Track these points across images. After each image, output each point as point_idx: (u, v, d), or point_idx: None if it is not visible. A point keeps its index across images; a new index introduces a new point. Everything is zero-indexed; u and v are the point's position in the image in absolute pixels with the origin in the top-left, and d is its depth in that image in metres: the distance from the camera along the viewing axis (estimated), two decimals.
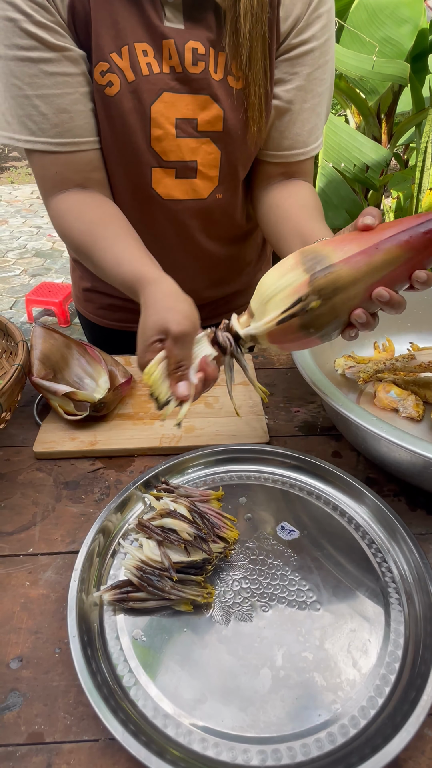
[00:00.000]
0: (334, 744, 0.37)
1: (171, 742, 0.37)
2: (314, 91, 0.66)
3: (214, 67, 0.60)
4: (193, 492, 0.56)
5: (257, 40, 0.59)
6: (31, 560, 0.51)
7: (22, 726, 0.39)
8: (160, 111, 0.61)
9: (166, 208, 0.69)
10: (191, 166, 0.66)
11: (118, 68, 0.58)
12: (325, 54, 0.65)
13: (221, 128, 0.64)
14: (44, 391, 0.67)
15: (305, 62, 0.64)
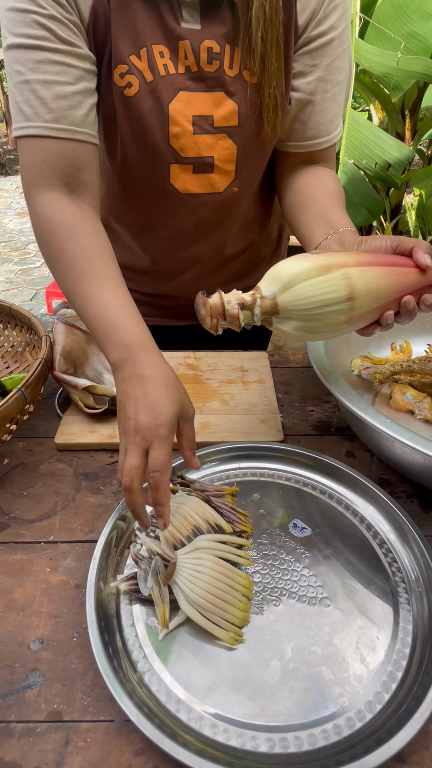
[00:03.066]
0: (340, 735, 0.39)
1: (183, 726, 0.39)
2: (334, 80, 0.67)
3: (229, 62, 0.62)
4: (208, 487, 0.57)
5: (271, 45, 0.60)
6: (52, 547, 0.53)
7: (42, 704, 0.41)
8: (178, 109, 0.63)
9: (183, 202, 0.71)
10: (208, 162, 0.68)
11: (137, 69, 0.60)
12: (343, 43, 0.66)
13: (236, 123, 0.65)
14: (65, 384, 0.69)
15: (325, 53, 0.65)
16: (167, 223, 0.74)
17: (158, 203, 0.72)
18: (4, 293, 3.25)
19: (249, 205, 0.77)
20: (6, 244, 4.04)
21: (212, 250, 0.80)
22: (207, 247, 0.79)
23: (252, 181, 0.74)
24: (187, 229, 0.75)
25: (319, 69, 0.65)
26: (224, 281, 0.87)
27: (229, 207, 0.74)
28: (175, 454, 0.66)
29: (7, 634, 0.45)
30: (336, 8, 0.63)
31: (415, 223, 1.92)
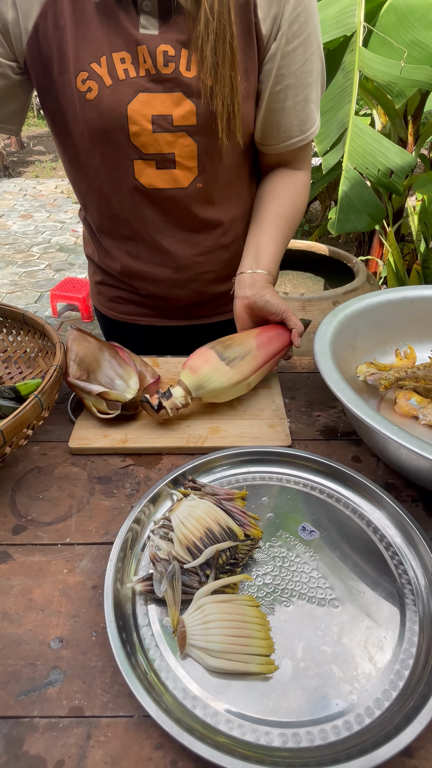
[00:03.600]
0: (350, 731, 0.40)
1: (199, 721, 0.41)
2: (303, 83, 0.71)
3: (186, 65, 0.66)
4: (218, 491, 0.59)
5: (223, 57, 0.63)
6: (68, 549, 0.55)
7: (64, 700, 0.43)
8: (136, 109, 0.67)
9: (150, 196, 0.76)
10: (170, 158, 0.72)
11: (97, 75, 0.66)
12: (310, 46, 0.69)
13: (195, 122, 0.69)
14: (79, 390, 0.71)
15: (292, 62, 0.69)
16: (138, 218, 0.79)
17: (127, 199, 0.77)
18: (9, 296, 3.27)
19: (218, 202, 0.79)
20: (10, 247, 4.07)
21: (188, 245, 0.83)
22: (182, 242, 0.82)
23: (218, 177, 0.76)
24: (158, 223, 0.79)
25: (287, 77, 0.70)
26: (208, 281, 0.88)
27: (196, 202, 0.77)
28: (187, 459, 0.67)
29: (28, 633, 0.47)
30: (299, 15, 0.66)
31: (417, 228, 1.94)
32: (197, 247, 0.84)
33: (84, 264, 3.77)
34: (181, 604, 0.48)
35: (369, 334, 0.81)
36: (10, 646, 0.46)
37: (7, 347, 0.85)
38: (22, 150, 7.54)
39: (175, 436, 0.70)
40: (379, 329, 0.83)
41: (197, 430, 0.71)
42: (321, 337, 0.71)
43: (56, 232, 4.41)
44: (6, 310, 0.82)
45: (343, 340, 0.75)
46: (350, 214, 1.69)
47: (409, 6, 1.54)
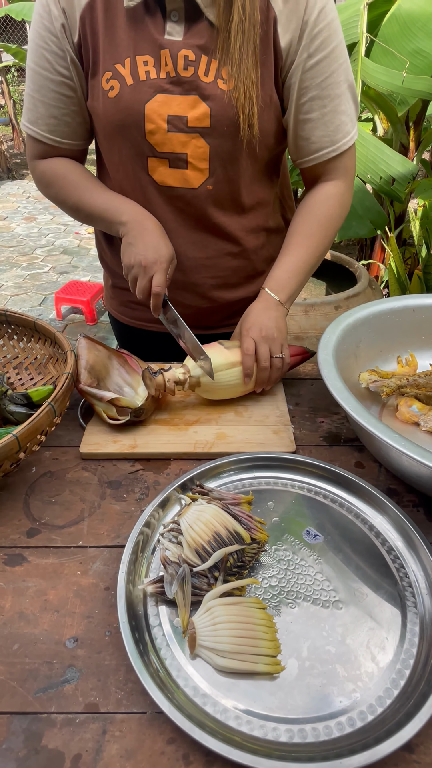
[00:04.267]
0: (353, 727, 0.42)
1: (209, 717, 0.43)
2: (330, 95, 0.73)
3: (205, 70, 0.70)
4: (225, 495, 0.61)
5: (248, 54, 0.68)
6: (81, 552, 0.57)
7: (80, 697, 0.44)
8: (153, 109, 0.71)
9: (161, 193, 0.79)
10: (182, 158, 0.75)
11: (120, 75, 0.71)
12: (334, 61, 0.72)
13: (209, 124, 0.72)
14: (90, 397, 0.73)
15: (314, 75, 0.71)
16: (152, 213, 0.81)
17: (139, 194, 0.80)
18: (13, 298, 3.30)
19: (229, 207, 0.81)
20: (14, 249, 4.10)
21: (197, 245, 0.84)
22: (192, 242, 0.84)
23: (229, 182, 0.78)
24: (169, 220, 0.81)
25: (311, 89, 0.72)
26: (214, 286, 0.90)
27: (206, 203, 0.79)
28: (194, 464, 0.69)
29: (44, 632, 0.49)
30: (320, 33, 0.69)
31: (419, 233, 1.96)
32: (204, 251, 0.85)
33: (87, 267, 3.80)
34: (191, 606, 0.50)
35: (371, 341, 0.83)
36: (27, 645, 0.48)
37: (19, 354, 0.87)
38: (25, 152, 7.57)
39: (182, 442, 0.72)
40: (382, 337, 0.85)
41: (204, 436, 0.73)
42: (325, 345, 0.73)
43: (60, 234, 4.44)
44: (18, 317, 0.84)
45: (346, 347, 0.77)
46: (352, 221, 1.71)
47: (411, 15, 1.57)
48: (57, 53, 0.72)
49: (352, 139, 0.78)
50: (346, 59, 0.74)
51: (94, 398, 0.73)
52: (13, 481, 0.67)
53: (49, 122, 0.78)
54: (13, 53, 6.03)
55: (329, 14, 0.69)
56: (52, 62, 0.73)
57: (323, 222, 0.82)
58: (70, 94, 0.75)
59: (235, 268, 0.89)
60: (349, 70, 0.75)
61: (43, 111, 0.77)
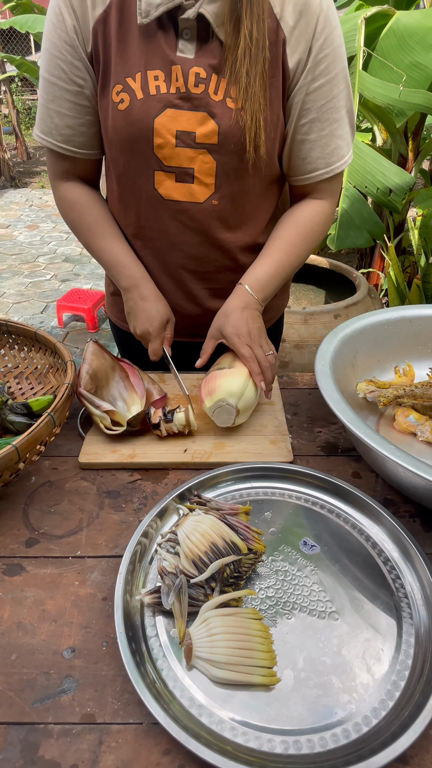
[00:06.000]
0: (348, 739, 0.42)
1: (204, 728, 0.43)
2: (330, 119, 0.75)
3: (214, 89, 0.71)
4: (223, 505, 0.62)
5: (255, 78, 0.69)
6: (79, 562, 0.58)
7: (77, 708, 0.45)
8: (162, 123, 0.72)
9: (166, 206, 0.80)
10: (189, 173, 0.76)
11: (130, 88, 0.72)
12: (336, 86, 0.73)
13: (216, 141, 0.73)
14: (88, 403, 0.74)
15: (317, 98, 0.73)
16: (154, 227, 0.83)
17: (145, 206, 0.81)
18: (15, 306, 3.32)
19: (233, 222, 0.82)
20: (17, 257, 4.13)
21: (195, 262, 0.86)
22: (190, 258, 0.85)
23: (234, 198, 0.79)
24: (172, 233, 0.82)
25: (312, 112, 0.74)
26: (210, 295, 0.90)
27: (210, 218, 0.80)
28: (192, 474, 0.70)
29: (41, 642, 0.50)
30: (325, 57, 0.71)
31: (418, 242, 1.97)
32: (205, 264, 0.86)
33: (90, 275, 3.82)
34: (188, 616, 0.50)
35: (368, 352, 0.84)
36: (24, 655, 0.49)
37: (19, 363, 0.88)
38: (28, 160, 7.65)
39: (180, 452, 0.73)
40: (379, 347, 0.85)
41: (202, 446, 0.74)
42: (322, 356, 0.74)
43: (62, 242, 4.47)
44: (19, 327, 0.85)
45: (343, 358, 0.77)
46: (350, 231, 1.72)
47: (408, 29, 1.59)
48: (72, 63, 0.73)
49: (346, 162, 0.80)
50: (348, 85, 0.75)
51: (92, 404, 0.74)
52: (12, 491, 0.67)
53: (64, 132, 0.78)
54: (17, 64, 6.11)
55: (336, 40, 0.71)
56: (67, 72, 0.73)
57: (307, 235, 0.83)
58: (86, 103, 0.76)
59: (232, 281, 0.90)
60: (350, 96, 0.77)
61: (59, 121, 0.77)
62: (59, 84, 0.74)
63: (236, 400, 0.73)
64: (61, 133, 0.78)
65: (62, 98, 0.76)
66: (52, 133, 0.79)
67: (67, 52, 0.72)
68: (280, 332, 1.10)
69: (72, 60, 0.72)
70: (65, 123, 0.77)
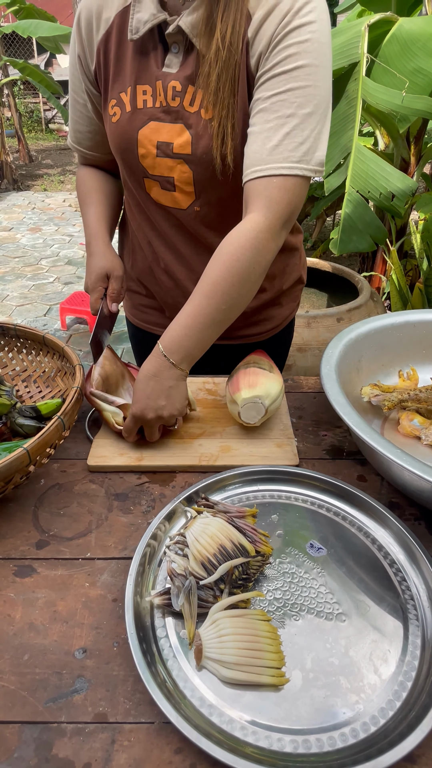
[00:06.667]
0: (356, 738, 0.43)
1: (215, 728, 0.44)
2: (278, 113, 0.67)
3: (190, 100, 0.73)
4: (230, 508, 0.62)
5: (224, 82, 0.69)
6: (89, 564, 0.59)
7: (89, 707, 0.46)
8: (145, 135, 0.76)
9: (159, 209, 0.84)
10: (170, 181, 0.79)
11: (122, 102, 0.77)
12: (294, 80, 0.66)
13: (190, 151, 0.75)
14: (99, 401, 0.75)
15: (267, 88, 0.68)
16: (153, 225, 0.86)
17: (142, 207, 0.86)
18: (19, 308, 3.33)
19: (218, 227, 0.82)
20: (20, 260, 4.14)
21: (192, 262, 0.87)
22: (187, 258, 0.87)
23: (215, 204, 0.80)
24: (170, 233, 0.85)
25: (260, 102, 0.68)
26: None
27: (195, 224, 0.83)
28: (199, 477, 0.71)
29: (54, 643, 0.50)
30: (287, 47, 0.66)
31: (420, 246, 1.98)
32: (200, 266, 0.87)
33: None
34: (197, 617, 0.51)
35: (373, 356, 0.85)
36: (37, 655, 0.49)
37: (27, 367, 0.89)
38: (30, 163, 7.68)
39: (187, 455, 0.74)
40: (383, 352, 0.86)
41: (209, 449, 0.75)
42: (327, 360, 0.75)
43: (65, 245, 4.49)
44: (27, 331, 0.86)
45: (348, 362, 0.78)
46: (352, 235, 1.74)
47: (411, 35, 1.61)
48: (80, 77, 0.81)
49: (292, 169, 0.67)
50: (317, 87, 0.67)
51: (105, 402, 0.74)
52: (22, 493, 0.68)
53: (95, 139, 0.88)
54: (19, 68, 6.14)
55: (305, 34, 0.65)
56: (78, 85, 0.82)
57: (228, 266, 0.69)
58: (93, 115, 0.85)
59: None
60: (321, 101, 0.68)
61: (84, 129, 0.87)
62: (74, 96, 0.85)
63: (270, 402, 0.75)
64: (90, 140, 0.89)
65: (76, 109, 0.86)
66: (82, 142, 0.90)
67: (78, 69, 0.81)
68: (290, 340, 1.10)
69: (80, 76, 0.81)
70: (90, 129, 0.87)
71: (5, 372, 0.88)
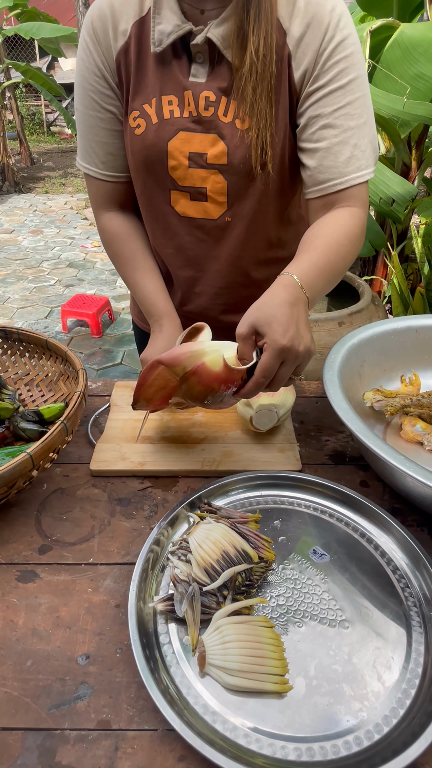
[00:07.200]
0: (360, 746, 0.43)
1: (218, 735, 0.44)
2: (343, 126, 0.72)
3: (224, 111, 0.73)
4: (233, 514, 0.62)
5: (261, 95, 0.70)
6: (92, 569, 0.58)
7: (92, 714, 0.45)
8: (176, 146, 0.75)
9: (183, 223, 0.83)
10: (202, 192, 0.79)
11: (146, 114, 0.75)
12: (350, 93, 0.71)
13: (226, 162, 0.75)
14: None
15: (327, 104, 0.71)
16: (171, 242, 0.85)
17: (162, 222, 0.84)
18: (20, 311, 3.34)
19: (245, 237, 0.83)
20: (21, 262, 4.15)
21: (213, 275, 0.87)
22: (208, 272, 0.87)
23: (246, 214, 0.81)
24: (189, 247, 0.85)
25: (322, 118, 0.72)
26: (225, 310, 0.92)
27: (224, 233, 0.83)
28: (201, 481, 0.71)
29: (57, 649, 0.50)
30: (336, 64, 0.69)
31: (421, 250, 1.99)
32: (220, 279, 0.88)
33: (93, 280, 3.84)
34: (200, 624, 0.51)
35: (375, 361, 0.85)
36: (40, 661, 0.49)
37: (30, 371, 0.89)
38: (32, 166, 7.70)
39: (190, 460, 0.74)
40: (385, 357, 0.86)
41: (211, 454, 0.75)
42: (330, 365, 0.75)
43: (66, 247, 4.50)
44: (30, 336, 0.86)
45: (350, 367, 0.78)
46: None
47: (412, 41, 1.62)
48: (103, 92, 0.77)
49: (365, 176, 0.74)
50: (367, 96, 0.73)
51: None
52: (25, 498, 0.68)
53: (106, 159, 0.82)
54: (22, 71, 6.17)
55: (349, 47, 0.69)
56: (99, 101, 0.78)
57: (349, 235, 0.73)
58: (120, 128, 0.80)
59: (247, 297, 0.91)
60: (370, 108, 0.74)
61: (98, 149, 0.82)
62: (93, 114, 0.79)
63: (284, 412, 0.76)
64: (102, 161, 0.83)
65: (98, 127, 0.80)
66: (95, 162, 0.83)
67: (97, 83, 0.77)
68: None
69: (102, 89, 0.77)
70: (105, 150, 0.82)
71: (8, 376, 0.88)
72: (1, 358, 0.89)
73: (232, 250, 0.84)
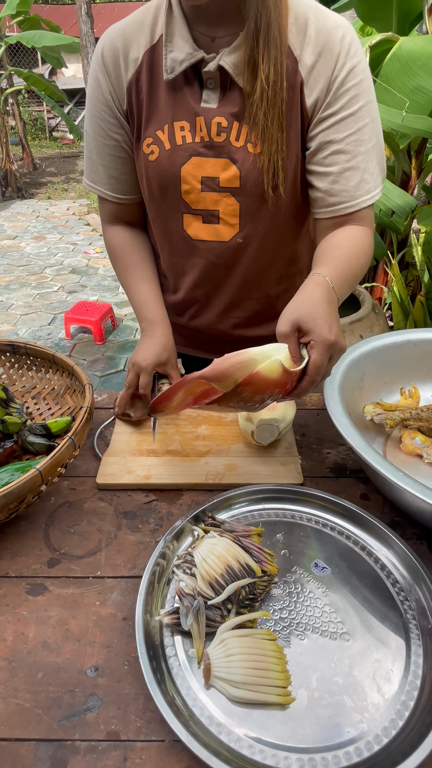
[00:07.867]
0: (360, 757, 0.45)
1: (223, 746, 0.45)
2: (354, 152, 0.74)
3: (236, 135, 0.75)
4: (236, 527, 0.64)
5: (272, 120, 0.72)
6: (100, 582, 0.60)
7: (101, 725, 0.47)
8: (189, 171, 0.77)
9: (194, 246, 0.85)
10: (215, 214, 0.81)
11: (159, 140, 0.77)
12: (361, 119, 0.73)
13: (238, 185, 0.77)
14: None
15: (338, 130, 0.73)
16: (184, 264, 0.88)
17: (176, 246, 0.86)
18: (23, 318, 3.36)
19: (257, 257, 0.85)
20: (24, 268, 4.18)
21: (224, 295, 0.90)
22: (216, 289, 0.90)
23: (259, 234, 0.83)
24: (201, 269, 0.87)
25: (334, 144, 0.74)
26: (235, 326, 0.95)
27: (235, 255, 0.85)
28: (205, 495, 0.72)
29: (66, 661, 0.52)
30: (347, 91, 0.71)
31: (421, 258, 2.00)
32: (231, 298, 0.91)
33: (96, 286, 3.87)
34: (205, 636, 0.52)
35: (375, 374, 0.87)
36: (50, 673, 0.51)
37: (36, 384, 0.91)
38: (34, 171, 7.75)
39: (194, 473, 0.75)
40: (385, 370, 0.88)
41: (215, 467, 0.76)
42: (330, 380, 0.76)
43: (69, 254, 4.53)
44: (37, 350, 0.88)
45: (351, 380, 0.80)
46: None
47: (411, 54, 1.64)
48: (109, 121, 0.80)
49: (373, 197, 0.77)
50: (376, 119, 0.75)
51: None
52: (33, 511, 0.70)
53: (109, 182, 0.85)
54: (24, 77, 6.22)
55: (359, 75, 0.71)
56: (105, 129, 0.81)
57: (359, 250, 0.76)
58: (124, 155, 0.83)
59: (257, 311, 0.93)
60: (379, 131, 0.76)
61: (103, 172, 0.85)
62: (99, 139, 0.82)
63: (284, 426, 0.77)
64: (106, 182, 0.86)
65: (104, 152, 0.83)
66: (100, 182, 0.87)
67: (104, 111, 0.80)
68: None
69: (108, 118, 0.80)
70: (109, 173, 0.85)
71: (15, 389, 0.90)
72: (9, 371, 0.91)
73: (245, 269, 0.86)
